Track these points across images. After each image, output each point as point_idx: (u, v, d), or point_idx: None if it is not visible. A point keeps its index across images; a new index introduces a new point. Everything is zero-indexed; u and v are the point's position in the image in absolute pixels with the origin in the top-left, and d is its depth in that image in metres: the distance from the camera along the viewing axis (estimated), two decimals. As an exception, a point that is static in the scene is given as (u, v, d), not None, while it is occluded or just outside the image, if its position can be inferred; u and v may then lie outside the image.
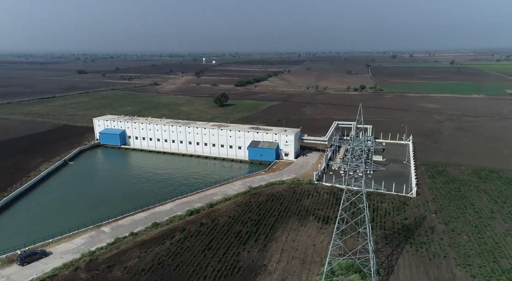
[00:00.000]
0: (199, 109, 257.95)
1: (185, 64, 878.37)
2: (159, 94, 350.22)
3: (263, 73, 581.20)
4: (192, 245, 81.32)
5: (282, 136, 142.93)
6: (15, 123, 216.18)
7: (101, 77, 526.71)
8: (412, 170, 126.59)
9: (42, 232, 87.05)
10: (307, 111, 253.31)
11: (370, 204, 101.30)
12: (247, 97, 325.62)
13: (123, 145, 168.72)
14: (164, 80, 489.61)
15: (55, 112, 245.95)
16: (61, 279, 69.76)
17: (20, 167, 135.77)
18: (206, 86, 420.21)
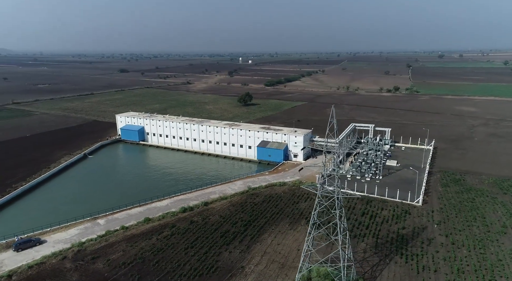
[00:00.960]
0: (222, 108, 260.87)
1: (221, 63, 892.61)
2: (188, 92, 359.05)
3: (296, 73, 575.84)
4: (177, 242, 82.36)
5: (291, 137, 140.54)
6: (51, 117, 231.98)
7: (140, 75, 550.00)
8: (424, 176, 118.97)
9: (46, 220, 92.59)
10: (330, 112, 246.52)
11: (369, 210, 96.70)
12: (274, 97, 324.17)
13: (142, 141, 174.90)
14: (198, 79, 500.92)
15: (89, 109, 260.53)
16: (48, 267, 73.76)
17: (44, 159, 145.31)
18: (236, 85, 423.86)
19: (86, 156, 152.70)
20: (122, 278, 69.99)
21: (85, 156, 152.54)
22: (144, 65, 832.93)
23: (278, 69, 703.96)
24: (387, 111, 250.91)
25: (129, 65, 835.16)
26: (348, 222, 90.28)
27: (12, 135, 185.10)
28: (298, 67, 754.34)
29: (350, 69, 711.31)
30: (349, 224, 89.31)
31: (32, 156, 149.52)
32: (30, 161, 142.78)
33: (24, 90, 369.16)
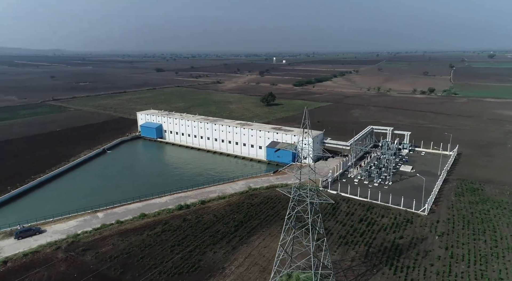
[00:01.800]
0: (245, 107, 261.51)
1: (255, 63, 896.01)
2: (216, 92, 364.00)
3: (329, 73, 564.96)
4: (166, 239, 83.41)
5: (300, 138, 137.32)
6: (82, 114, 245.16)
7: (174, 75, 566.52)
8: (438, 184, 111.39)
9: (53, 210, 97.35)
10: (355, 114, 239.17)
11: (368, 217, 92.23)
12: (300, 97, 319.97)
13: (160, 138, 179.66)
14: (228, 78, 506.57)
15: (118, 106, 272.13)
16: (41, 255, 77.63)
17: (66, 152, 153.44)
18: (265, 85, 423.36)
19: (105, 151, 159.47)
20: (105, 271, 72.06)
21: (104, 151, 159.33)
22: (181, 64, 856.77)
23: (311, 69, 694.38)
24: (415, 114, 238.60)
25: (166, 64, 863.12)
26: (343, 228, 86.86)
27: (44, 129, 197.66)
28: (332, 67, 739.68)
29: (387, 69, 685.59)
30: (343, 231, 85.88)
31: (56, 149, 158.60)
32: (52, 154, 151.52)
33: (66, 88, 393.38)
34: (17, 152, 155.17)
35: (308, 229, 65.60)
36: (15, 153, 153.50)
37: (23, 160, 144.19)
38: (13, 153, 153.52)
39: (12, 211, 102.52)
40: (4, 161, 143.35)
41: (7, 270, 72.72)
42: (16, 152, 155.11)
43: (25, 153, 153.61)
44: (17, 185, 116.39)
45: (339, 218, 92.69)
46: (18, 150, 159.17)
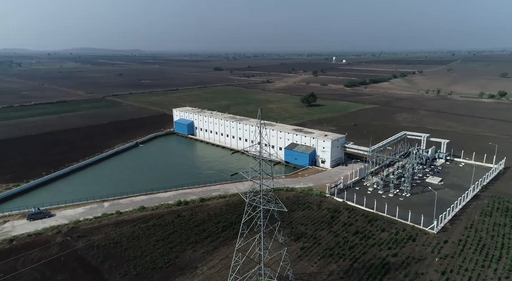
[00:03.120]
0: (284, 107, 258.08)
1: (313, 63, 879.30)
2: (263, 91, 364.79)
3: (389, 74, 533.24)
4: (154, 233, 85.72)
5: (319, 142, 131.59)
6: (132, 109, 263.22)
7: (229, 73, 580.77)
8: (462, 199, 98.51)
9: (72, 196, 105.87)
10: (399, 118, 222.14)
11: (366, 229, 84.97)
12: (346, 98, 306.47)
13: (191, 134, 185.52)
14: (280, 78, 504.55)
15: (166, 102, 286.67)
16: (42, 237, 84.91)
17: (103, 144, 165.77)
18: (315, 85, 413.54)
19: (137, 144, 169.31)
20: (89, 258, 76.31)
21: (137, 144, 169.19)
22: (239, 64, 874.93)
23: (371, 69, 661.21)
24: (472, 120, 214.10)
25: (226, 64, 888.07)
26: (333, 239, 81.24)
27: (95, 121, 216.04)
28: (396, 67, 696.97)
29: (458, 70, 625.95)
30: (333, 242, 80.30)
31: (96, 140, 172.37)
32: (92, 144, 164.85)
33: (128, 85, 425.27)
34: (62, 141, 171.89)
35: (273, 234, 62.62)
36: (60, 142, 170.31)
37: (65, 148, 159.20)
38: (59, 142, 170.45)
39: (40, 194, 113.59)
40: (48, 148, 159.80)
41: (10, 248, 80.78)
42: (62, 141, 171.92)
43: (70, 142, 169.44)
44: (51, 171, 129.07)
45: (335, 228, 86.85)
46: (65, 139, 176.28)
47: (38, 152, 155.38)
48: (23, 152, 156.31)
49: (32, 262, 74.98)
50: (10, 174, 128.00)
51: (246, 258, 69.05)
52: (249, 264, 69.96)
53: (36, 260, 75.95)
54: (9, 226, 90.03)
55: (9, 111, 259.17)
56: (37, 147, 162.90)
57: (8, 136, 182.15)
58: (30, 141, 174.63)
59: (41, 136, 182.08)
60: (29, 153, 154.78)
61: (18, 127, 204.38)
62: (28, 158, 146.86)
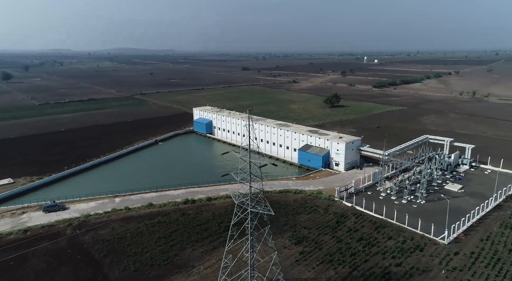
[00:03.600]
0: (306, 108, 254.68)
1: (343, 63, 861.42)
2: (287, 91, 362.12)
3: (422, 74, 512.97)
4: (158, 230, 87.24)
5: (333, 144, 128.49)
6: (156, 107, 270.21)
7: (256, 73, 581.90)
8: (481, 209, 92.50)
9: (85, 190, 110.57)
10: (425, 121, 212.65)
11: (372, 236, 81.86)
12: (372, 99, 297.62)
13: (209, 133, 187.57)
14: (307, 78, 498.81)
15: (189, 101, 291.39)
16: (54, 229, 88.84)
17: (124, 141, 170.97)
18: (341, 86, 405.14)
19: (157, 142, 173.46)
20: (93, 252, 78.86)
21: (156, 142, 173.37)
22: (268, 64, 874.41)
23: (403, 69, 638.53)
24: (506, 124, 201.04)
25: (255, 63, 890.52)
26: (336, 245, 78.93)
27: (120, 119, 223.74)
28: (430, 67, 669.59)
29: (500, 71, 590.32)
30: (335, 247, 78.03)
31: (117, 137, 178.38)
32: (113, 141, 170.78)
33: (157, 84, 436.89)
34: (87, 137, 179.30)
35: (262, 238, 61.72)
36: (85, 138, 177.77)
37: (87, 144, 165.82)
38: (84, 138, 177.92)
39: (60, 187, 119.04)
40: (72, 144, 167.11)
41: (24, 238, 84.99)
42: (87, 137, 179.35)
43: (92, 138, 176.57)
44: (72, 165, 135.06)
45: (339, 233, 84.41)
46: (89, 135, 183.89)
47: (64, 147, 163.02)
48: (50, 146, 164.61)
49: (42, 253, 78.75)
50: (36, 167, 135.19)
51: (239, 261, 68.59)
52: (243, 266, 69.43)
53: (45, 251, 79.62)
54: (26, 217, 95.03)
55: (45, 108, 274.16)
56: (63, 142, 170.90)
57: (39, 132, 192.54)
58: (58, 136, 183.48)
59: (69, 133, 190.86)
60: (55, 147, 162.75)
61: (50, 123, 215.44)
62: (53, 152, 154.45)
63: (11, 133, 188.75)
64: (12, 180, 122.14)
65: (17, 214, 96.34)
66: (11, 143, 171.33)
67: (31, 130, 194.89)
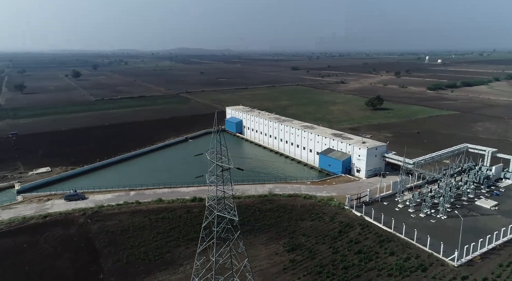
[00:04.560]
0: (345, 110, 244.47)
1: (401, 63, 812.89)
2: (332, 92, 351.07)
3: (490, 76, 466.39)
4: (159, 226, 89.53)
5: (355, 149, 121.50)
6: (197, 105, 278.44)
7: (304, 73, 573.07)
8: (509, 231, 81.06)
9: (109, 182, 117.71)
10: (478, 128, 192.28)
11: (373, 250, 75.83)
12: (422, 103, 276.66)
13: (239, 133, 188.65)
14: (357, 79, 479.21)
15: (230, 100, 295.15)
16: (70, 217, 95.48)
17: (156, 137, 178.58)
18: (392, 87, 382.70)
19: (187, 139, 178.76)
20: (96, 242, 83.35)
21: (186, 139, 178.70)
22: (320, 63, 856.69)
23: (470, 70, 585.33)
24: None
25: (307, 63, 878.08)
26: (330, 256, 74.55)
27: (160, 116, 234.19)
28: (503, 68, 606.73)
29: None
30: (329, 259, 73.71)
31: (152, 133, 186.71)
32: (147, 137, 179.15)
33: (206, 83, 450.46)
34: (127, 132, 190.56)
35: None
36: (122, 133, 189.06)
37: (123, 139, 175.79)
38: (122, 133, 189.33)
39: (89, 178, 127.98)
40: (110, 138, 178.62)
41: (43, 223, 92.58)
42: (126, 132, 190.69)
43: (130, 133, 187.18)
44: (104, 158, 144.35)
45: (338, 243, 79.61)
46: (127, 130, 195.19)
47: (104, 140, 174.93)
48: (92, 139, 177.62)
49: (52, 238, 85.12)
50: (73, 158, 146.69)
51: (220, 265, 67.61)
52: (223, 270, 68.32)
53: (56, 236, 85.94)
54: (50, 203, 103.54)
55: (100, 103, 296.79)
56: (103, 137, 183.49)
57: (87, 125, 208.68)
58: (101, 130, 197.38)
59: (111, 127, 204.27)
60: (96, 140, 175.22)
61: (99, 118, 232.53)
62: (92, 145, 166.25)
63: (63, 126, 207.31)
64: (50, 168, 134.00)
65: (43, 200, 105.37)
66: (60, 135, 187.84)
67: (81, 124, 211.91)
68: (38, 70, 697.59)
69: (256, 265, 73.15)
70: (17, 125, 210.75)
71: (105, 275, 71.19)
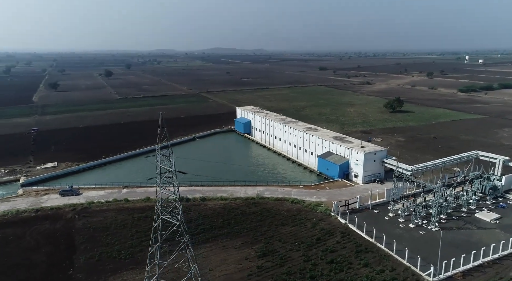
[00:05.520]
0: (363, 112, 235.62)
1: (438, 63, 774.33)
2: (354, 93, 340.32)
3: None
4: (139, 225, 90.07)
5: (353, 153, 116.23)
6: (214, 105, 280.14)
7: (331, 73, 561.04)
8: (500, 247, 73.65)
9: (107, 179, 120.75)
10: (503, 134, 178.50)
11: (346, 260, 71.67)
12: (449, 105, 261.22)
13: (247, 133, 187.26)
14: (384, 79, 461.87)
15: (247, 101, 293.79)
16: (60, 211, 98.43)
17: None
18: (421, 89, 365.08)
19: (194, 138, 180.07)
20: (76, 237, 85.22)
21: (194, 138, 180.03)
22: (350, 63, 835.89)
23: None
24: None
25: (338, 63, 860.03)
26: (300, 264, 71.34)
27: (175, 114, 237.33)
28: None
29: None
30: (298, 267, 70.63)
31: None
32: (152, 135, 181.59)
33: (229, 82, 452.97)
34: (138, 130, 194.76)
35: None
36: (135, 131, 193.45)
37: (134, 137, 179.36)
38: (134, 130, 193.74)
39: (92, 173, 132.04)
40: (122, 135, 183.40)
41: (34, 216, 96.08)
42: (137, 130, 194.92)
43: (142, 131, 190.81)
44: (110, 155, 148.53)
45: (313, 251, 76.16)
46: (140, 128, 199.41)
47: (115, 138, 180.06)
48: (105, 136, 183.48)
49: (37, 232, 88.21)
50: (81, 154, 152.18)
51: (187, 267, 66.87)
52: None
53: (41, 230, 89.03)
54: (45, 198, 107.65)
55: (122, 102, 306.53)
56: (117, 133, 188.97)
57: (104, 123, 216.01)
58: (116, 127, 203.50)
59: (126, 125, 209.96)
60: (108, 137, 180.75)
61: (117, 116, 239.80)
62: (103, 142, 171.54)
63: (82, 123, 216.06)
64: (57, 164, 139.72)
65: (40, 194, 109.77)
66: (78, 131, 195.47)
67: (98, 121, 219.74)
68: (77, 69, 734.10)
69: (222, 269, 71.82)
70: (41, 122, 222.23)
71: (74, 271, 72.57)
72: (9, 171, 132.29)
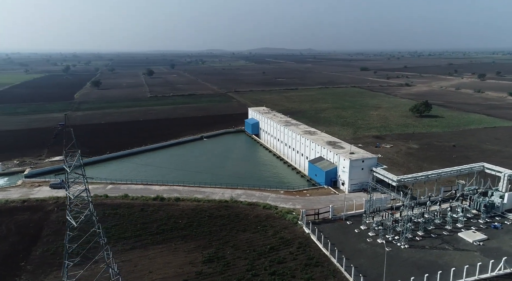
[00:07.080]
0: (386, 116, 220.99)
1: (498, 63, 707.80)
2: (386, 95, 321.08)
3: None
4: (107, 221, 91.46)
5: (340, 159, 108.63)
6: (236, 105, 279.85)
7: (371, 74, 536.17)
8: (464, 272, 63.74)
9: (106, 174, 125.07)
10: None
11: (291, 272, 66.62)
12: (489, 111, 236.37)
13: (255, 134, 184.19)
14: (428, 81, 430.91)
15: (270, 101, 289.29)
16: (44, 203, 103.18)
17: (174, 134, 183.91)
18: (465, 92, 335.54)
19: (202, 137, 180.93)
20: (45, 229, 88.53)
21: (201, 137, 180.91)
22: (398, 64, 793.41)
23: None
24: None
25: (384, 63, 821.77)
26: (241, 273, 67.89)
27: (195, 113, 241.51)
28: None
29: None
30: (238, 275, 67.42)
31: (173, 130, 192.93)
32: (167, 133, 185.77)
33: (261, 82, 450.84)
34: (153, 128, 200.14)
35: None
36: (149, 128, 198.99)
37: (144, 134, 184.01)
38: (148, 128, 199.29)
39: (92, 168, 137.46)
40: (135, 132, 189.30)
41: (19, 207, 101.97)
42: (151, 127, 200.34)
43: (155, 129, 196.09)
44: (114, 151, 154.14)
45: (261, 261, 72.05)
46: (155, 126, 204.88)
47: (128, 134, 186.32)
48: (119, 133, 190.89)
49: (14, 222, 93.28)
50: (89, 149, 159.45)
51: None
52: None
53: (19, 220, 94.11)
54: (37, 189, 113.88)
55: (151, 100, 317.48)
56: (132, 130, 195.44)
57: (126, 120, 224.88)
58: (135, 124, 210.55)
59: (144, 123, 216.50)
60: (121, 134, 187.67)
61: (140, 113, 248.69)
62: (115, 138, 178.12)
63: (103, 119, 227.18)
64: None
65: (34, 186, 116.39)
66: (96, 128, 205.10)
67: (121, 118, 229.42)
68: (127, 68, 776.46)
69: (161, 272, 70.43)
70: (71, 117, 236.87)
71: (27, 262, 75.47)
72: (19, 162, 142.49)
